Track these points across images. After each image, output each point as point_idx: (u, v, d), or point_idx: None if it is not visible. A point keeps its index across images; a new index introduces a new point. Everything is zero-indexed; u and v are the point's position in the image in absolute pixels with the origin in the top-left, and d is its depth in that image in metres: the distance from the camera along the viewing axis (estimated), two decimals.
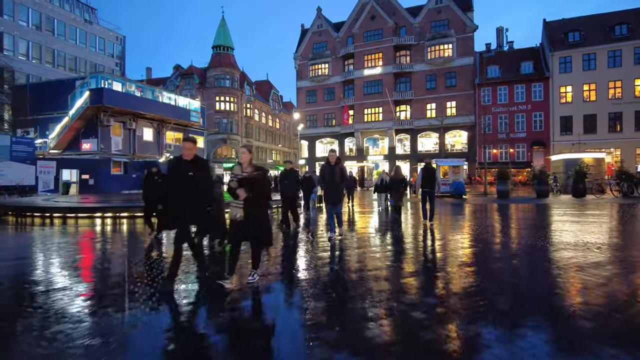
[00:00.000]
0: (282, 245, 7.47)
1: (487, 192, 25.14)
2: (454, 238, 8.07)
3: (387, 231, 9.30)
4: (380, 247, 7.31)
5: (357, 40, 46.77)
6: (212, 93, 54.22)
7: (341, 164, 7.96)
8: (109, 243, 8.30)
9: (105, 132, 27.53)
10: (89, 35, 40.26)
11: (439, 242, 7.64)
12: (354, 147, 48.12)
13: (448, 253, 6.53)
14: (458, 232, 8.86)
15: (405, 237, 8.44)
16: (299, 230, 9.11)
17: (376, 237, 8.50)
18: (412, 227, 10.01)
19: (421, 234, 8.71)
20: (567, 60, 37.77)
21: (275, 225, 9.58)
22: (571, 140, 36.59)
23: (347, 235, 8.38)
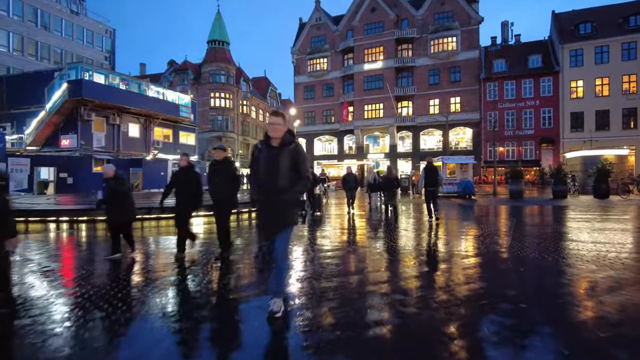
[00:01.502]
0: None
1: (496, 192, 23.31)
2: (467, 254, 6.19)
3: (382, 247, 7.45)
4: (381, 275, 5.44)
5: (357, 33, 44.83)
6: (207, 89, 52.41)
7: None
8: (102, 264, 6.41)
9: (86, 127, 25.67)
10: (75, 27, 38.36)
11: (445, 263, 5.77)
12: (353, 145, 46.21)
13: (458, 283, 4.65)
14: (472, 244, 6.99)
15: (407, 253, 6.57)
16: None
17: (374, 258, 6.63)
18: (415, 237, 8.14)
19: (426, 248, 6.85)
20: (578, 53, 35.82)
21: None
22: (582, 138, 34.63)
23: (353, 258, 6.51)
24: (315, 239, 7.88)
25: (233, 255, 6.16)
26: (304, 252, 6.52)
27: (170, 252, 6.44)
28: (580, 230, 8.45)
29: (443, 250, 6.55)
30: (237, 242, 7.44)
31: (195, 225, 10.25)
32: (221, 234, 5.90)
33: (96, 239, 8.74)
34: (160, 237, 8.71)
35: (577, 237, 7.54)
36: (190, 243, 6.51)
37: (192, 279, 4.84)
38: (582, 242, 6.90)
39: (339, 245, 7.09)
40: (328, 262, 5.61)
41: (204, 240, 7.86)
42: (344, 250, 6.68)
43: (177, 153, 33.58)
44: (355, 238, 8.08)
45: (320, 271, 5.03)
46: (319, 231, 8.83)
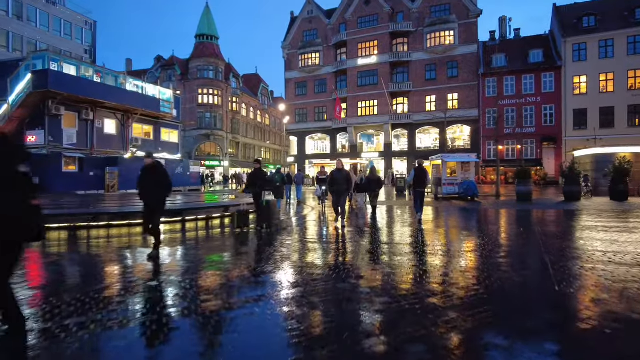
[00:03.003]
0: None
1: (499, 193, 21.55)
2: (474, 275, 4.34)
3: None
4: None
5: (351, 27, 42.99)
6: (195, 85, 50.36)
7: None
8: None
9: (54, 122, 23.55)
10: (52, 18, 36.08)
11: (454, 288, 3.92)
12: (347, 143, 44.37)
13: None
14: (486, 264, 5.15)
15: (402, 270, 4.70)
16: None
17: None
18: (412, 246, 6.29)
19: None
20: (581, 47, 34.23)
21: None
22: (586, 136, 33.09)
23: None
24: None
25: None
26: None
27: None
28: (629, 245, 6.63)
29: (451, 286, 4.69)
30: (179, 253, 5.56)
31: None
32: (150, 232, 6.09)
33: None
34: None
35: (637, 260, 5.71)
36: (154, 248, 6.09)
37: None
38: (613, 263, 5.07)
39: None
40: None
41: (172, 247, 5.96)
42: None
43: (158, 151, 31.56)
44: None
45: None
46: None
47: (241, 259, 6.16)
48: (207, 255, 6.53)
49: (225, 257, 6.38)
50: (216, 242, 8.15)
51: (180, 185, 30.81)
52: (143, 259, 5.88)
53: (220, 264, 5.79)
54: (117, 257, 6.35)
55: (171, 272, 5.13)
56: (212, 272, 5.21)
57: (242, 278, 4.86)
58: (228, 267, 5.60)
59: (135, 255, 6.44)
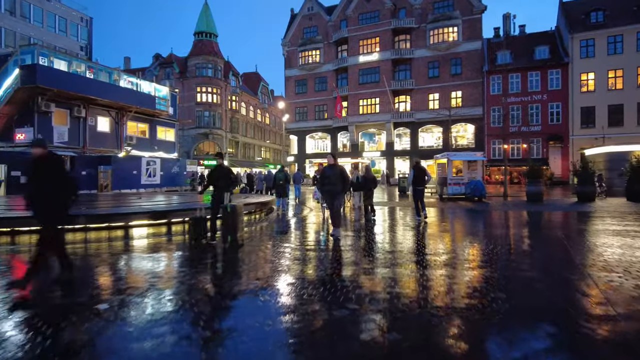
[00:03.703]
0: None
1: (506, 193, 20.65)
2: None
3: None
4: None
5: (352, 23, 42.08)
6: (193, 83, 49.48)
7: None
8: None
9: (44, 119, 22.71)
10: (46, 14, 35.24)
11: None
12: (348, 142, 43.47)
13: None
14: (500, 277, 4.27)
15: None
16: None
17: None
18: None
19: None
20: (589, 43, 33.26)
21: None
22: (594, 134, 32.13)
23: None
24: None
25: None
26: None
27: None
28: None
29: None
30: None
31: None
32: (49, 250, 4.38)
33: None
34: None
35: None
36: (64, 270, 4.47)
37: None
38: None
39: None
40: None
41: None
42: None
43: (154, 150, 30.74)
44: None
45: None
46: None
47: (179, 289, 4.23)
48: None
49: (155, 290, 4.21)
50: (148, 262, 5.67)
51: (177, 185, 30.00)
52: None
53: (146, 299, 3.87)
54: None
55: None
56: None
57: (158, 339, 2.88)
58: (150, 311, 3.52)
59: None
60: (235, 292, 4.13)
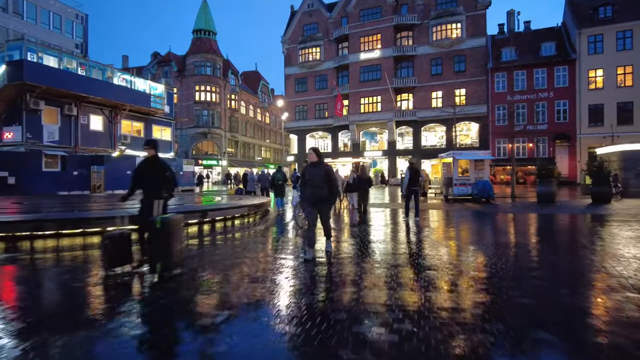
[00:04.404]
0: None
1: (514, 194, 19.74)
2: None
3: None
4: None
5: (353, 20, 41.18)
6: (192, 82, 48.73)
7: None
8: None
9: (33, 118, 21.88)
10: (40, 10, 34.41)
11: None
12: (349, 141, 42.57)
13: None
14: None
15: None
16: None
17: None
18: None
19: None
20: (597, 39, 32.27)
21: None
22: (602, 133, 31.17)
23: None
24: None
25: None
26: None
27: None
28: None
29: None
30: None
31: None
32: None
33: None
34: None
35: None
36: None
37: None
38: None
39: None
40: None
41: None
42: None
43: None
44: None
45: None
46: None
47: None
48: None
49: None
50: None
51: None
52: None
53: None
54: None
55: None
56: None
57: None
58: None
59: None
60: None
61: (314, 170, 5.71)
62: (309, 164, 5.87)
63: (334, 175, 5.67)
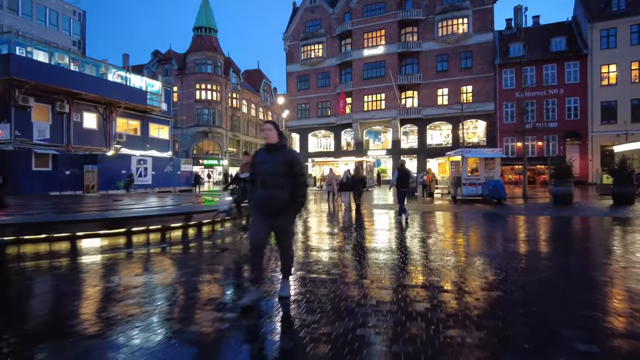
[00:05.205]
0: None
1: (526, 194, 18.68)
2: None
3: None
4: None
5: (356, 15, 40.14)
6: (192, 80, 47.91)
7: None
8: None
9: (22, 115, 21.07)
10: (35, 6, 33.69)
11: None
12: (352, 140, 41.54)
13: None
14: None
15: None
16: None
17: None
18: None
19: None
20: (610, 33, 31.04)
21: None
22: (615, 131, 29.94)
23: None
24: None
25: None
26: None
27: None
28: None
29: None
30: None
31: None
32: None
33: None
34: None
35: None
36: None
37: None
38: None
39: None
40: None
41: None
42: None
43: (146, 148, 29.06)
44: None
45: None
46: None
47: None
48: None
49: None
50: None
51: (170, 185, 28.32)
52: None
53: None
54: None
55: None
56: None
57: None
58: None
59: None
60: None
61: (270, 158, 3.54)
62: (262, 149, 3.69)
63: (300, 167, 3.57)
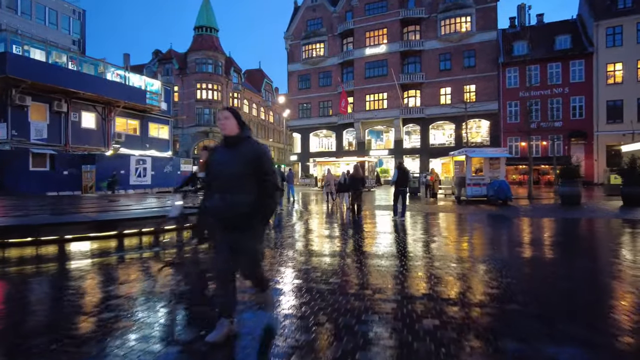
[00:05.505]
0: None
1: (532, 195, 18.27)
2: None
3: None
4: None
5: (358, 14, 39.77)
6: (193, 79, 47.61)
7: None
8: None
9: (19, 114, 20.77)
10: (34, 5, 33.40)
11: None
12: (353, 140, 41.15)
13: None
14: None
15: None
16: None
17: None
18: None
19: None
20: (616, 31, 30.56)
21: None
22: (621, 130, 29.48)
23: None
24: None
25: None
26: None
27: None
28: None
29: None
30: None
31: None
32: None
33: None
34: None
35: None
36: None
37: None
38: None
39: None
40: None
41: None
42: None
43: (145, 148, 28.76)
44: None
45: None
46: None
47: None
48: None
49: None
50: None
51: (170, 185, 27.98)
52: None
53: None
54: None
55: None
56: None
57: None
58: None
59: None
60: None
61: (229, 156, 2.65)
62: (220, 144, 2.79)
63: (269, 165, 2.65)
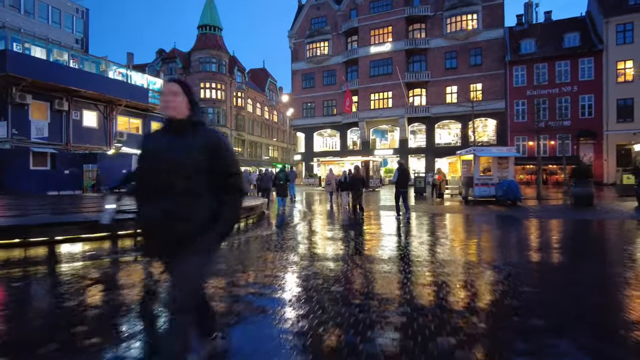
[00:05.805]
0: None
1: (541, 195, 17.78)
2: None
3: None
4: None
5: (362, 12, 39.32)
6: (196, 79, 47.28)
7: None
8: None
9: (19, 113, 20.57)
10: (37, 4, 33.27)
11: None
12: (358, 139, 40.72)
13: None
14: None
15: None
16: None
17: None
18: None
19: None
20: (626, 28, 29.88)
21: None
22: (631, 129, 28.83)
23: None
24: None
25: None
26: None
27: None
28: None
29: None
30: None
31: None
32: None
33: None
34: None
35: None
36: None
37: None
38: None
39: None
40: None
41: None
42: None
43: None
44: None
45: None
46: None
47: None
48: None
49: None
50: None
51: None
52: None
53: None
54: None
55: None
56: None
57: None
58: None
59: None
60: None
61: (173, 144, 1.89)
62: (160, 129, 2.03)
63: (232, 159, 2.00)
